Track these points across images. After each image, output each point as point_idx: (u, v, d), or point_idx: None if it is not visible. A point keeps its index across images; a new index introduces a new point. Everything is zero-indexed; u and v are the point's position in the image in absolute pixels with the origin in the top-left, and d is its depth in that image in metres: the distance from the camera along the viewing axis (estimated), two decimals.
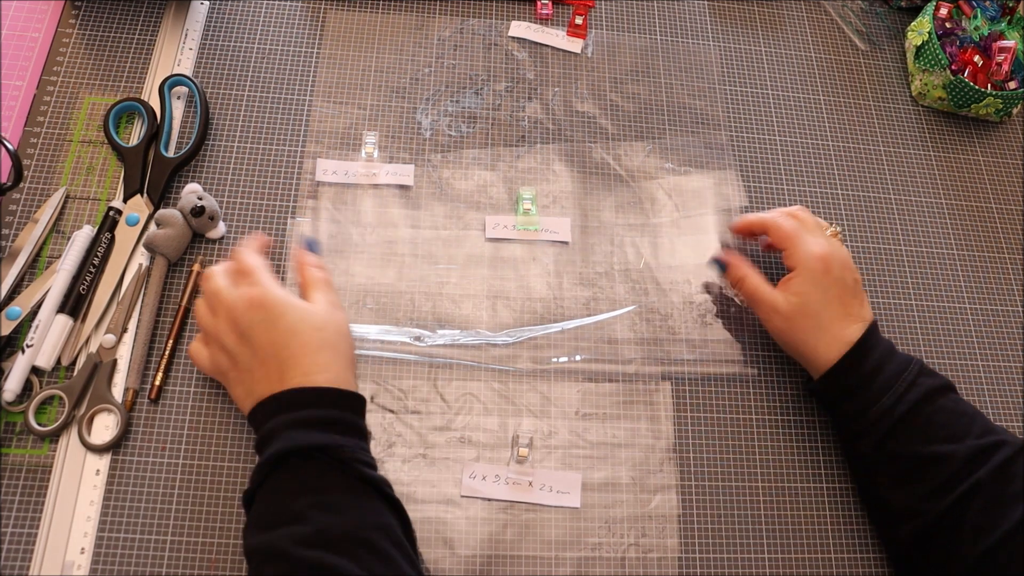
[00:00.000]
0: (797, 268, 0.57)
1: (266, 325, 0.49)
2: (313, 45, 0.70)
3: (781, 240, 0.58)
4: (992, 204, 0.74)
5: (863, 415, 0.54)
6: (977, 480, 0.51)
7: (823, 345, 0.56)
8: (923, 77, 0.75)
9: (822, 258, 0.56)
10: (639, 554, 0.55)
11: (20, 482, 0.52)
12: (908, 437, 0.53)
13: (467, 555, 0.54)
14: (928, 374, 0.55)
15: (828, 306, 0.56)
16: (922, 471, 0.53)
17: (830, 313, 0.56)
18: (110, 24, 0.68)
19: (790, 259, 0.58)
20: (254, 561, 0.44)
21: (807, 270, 0.56)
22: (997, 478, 0.51)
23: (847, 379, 0.55)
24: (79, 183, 0.62)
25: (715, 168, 0.70)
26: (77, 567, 0.50)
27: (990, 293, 0.69)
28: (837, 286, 0.56)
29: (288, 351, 0.49)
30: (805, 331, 0.56)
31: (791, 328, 0.57)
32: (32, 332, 0.55)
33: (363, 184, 0.64)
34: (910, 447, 0.53)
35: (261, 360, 0.49)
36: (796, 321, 0.56)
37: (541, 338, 0.61)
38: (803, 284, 0.56)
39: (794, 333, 0.57)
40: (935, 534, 0.52)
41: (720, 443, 0.60)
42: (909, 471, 0.53)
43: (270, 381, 0.48)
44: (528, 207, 0.65)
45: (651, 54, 0.75)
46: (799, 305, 0.56)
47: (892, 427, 0.53)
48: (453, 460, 0.56)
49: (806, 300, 0.56)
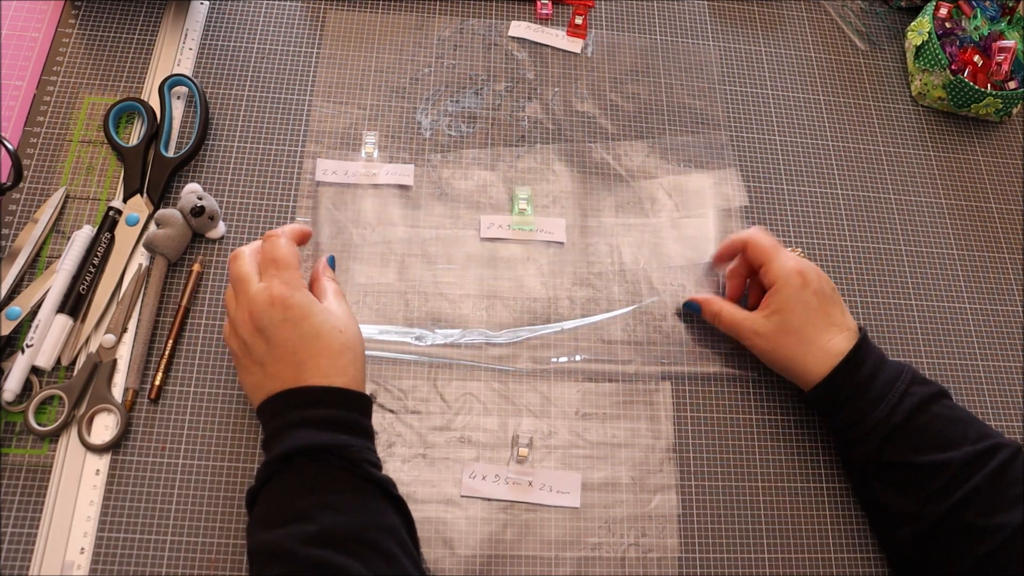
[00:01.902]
0: (776, 284, 0.57)
1: (287, 324, 0.48)
2: (313, 45, 0.70)
3: (759, 256, 0.58)
4: (992, 204, 0.74)
5: (858, 425, 0.54)
6: (975, 485, 0.51)
7: (811, 359, 0.55)
8: (923, 77, 0.75)
9: (799, 271, 0.56)
10: (639, 554, 0.55)
11: (20, 482, 0.52)
12: (904, 446, 0.53)
13: (467, 555, 0.54)
14: (921, 382, 0.55)
15: (811, 319, 0.56)
16: (919, 478, 0.53)
17: (814, 326, 0.56)
18: (110, 24, 0.68)
19: (767, 275, 0.57)
20: (258, 560, 0.44)
21: (786, 285, 0.56)
22: (995, 481, 0.51)
23: (839, 391, 0.55)
24: (79, 183, 0.62)
25: (715, 168, 0.70)
26: (77, 567, 0.50)
27: (990, 293, 0.69)
28: (817, 297, 0.56)
29: (308, 352, 0.48)
30: (790, 347, 0.56)
31: (776, 347, 0.57)
32: (32, 332, 0.55)
33: (363, 184, 0.64)
34: (906, 456, 0.53)
35: (276, 357, 0.48)
36: (779, 340, 0.56)
37: (540, 338, 0.61)
38: (783, 301, 0.56)
39: (780, 351, 0.57)
40: (934, 536, 0.52)
41: (720, 443, 0.60)
42: (906, 478, 0.53)
43: (284, 379, 0.48)
44: (524, 207, 0.65)
45: (651, 54, 0.75)
46: (780, 323, 0.56)
47: (887, 437, 0.53)
48: (453, 460, 0.56)
49: (787, 317, 0.56)
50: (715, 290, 0.65)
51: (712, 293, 0.64)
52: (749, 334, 0.58)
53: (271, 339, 0.48)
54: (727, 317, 0.59)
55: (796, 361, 0.56)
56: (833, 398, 0.55)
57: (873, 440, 0.54)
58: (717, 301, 0.61)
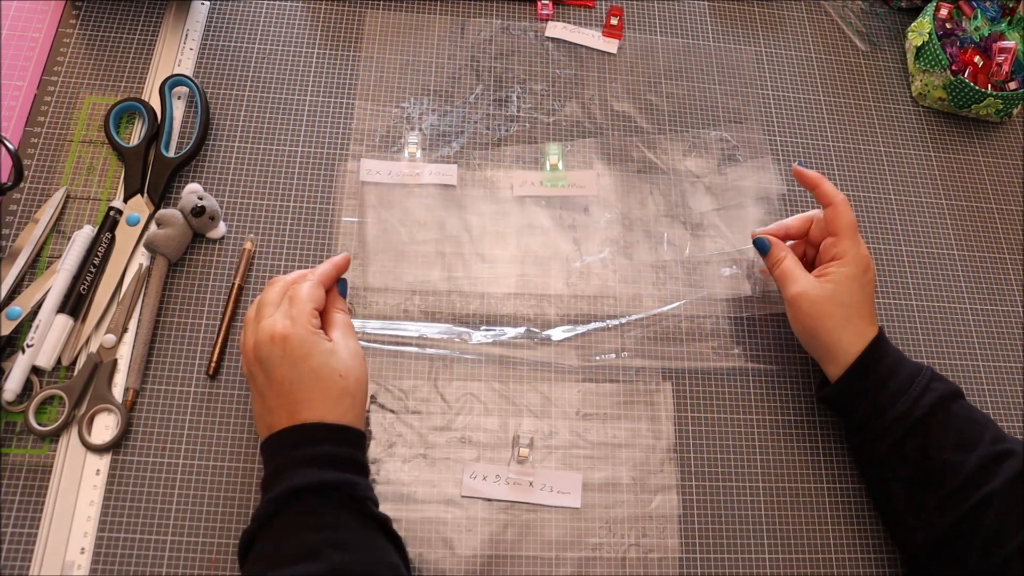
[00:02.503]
0: (844, 259, 0.57)
1: (285, 362, 0.48)
2: (313, 45, 0.70)
3: (840, 226, 0.57)
4: (992, 204, 0.74)
5: (878, 419, 0.54)
6: (990, 491, 0.51)
7: (848, 336, 0.55)
8: (923, 78, 0.75)
9: (868, 258, 0.57)
10: (639, 554, 0.55)
11: (20, 482, 0.52)
12: (923, 442, 0.53)
13: (467, 555, 0.54)
14: (939, 379, 0.55)
15: (862, 302, 0.56)
16: (935, 478, 0.52)
17: (860, 308, 0.56)
18: (110, 24, 0.68)
19: (837, 246, 0.57)
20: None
21: (853, 263, 0.56)
22: (1010, 489, 0.51)
23: (865, 381, 0.55)
24: (79, 183, 0.62)
25: (753, 158, 0.71)
26: (77, 567, 0.50)
27: (990, 293, 0.69)
28: (870, 287, 0.57)
29: (305, 393, 0.48)
30: (833, 318, 0.56)
31: (819, 313, 0.56)
32: (32, 332, 0.55)
33: (408, 184, 0.65)
34: (924, 452, 0.53)
35: (275, 392, 0.49)
36: (825, 307, 0.56)
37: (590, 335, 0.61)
38: (843, 276, 0.56)
39: (821, 319, 0.56)
40: (949, 542, 0.52)
41: (721, 443, 0.60)
42: (922, 478, 0.53)
43: (280, 415, 0.48)
44: (555, 162, 0.66)
45: (651, 54, 0.75)
46: (833, 292, 0.56)
47: (908, 431, 0.53)
48: (453, 460, 0.56)
49: (841, 289, 0.56)
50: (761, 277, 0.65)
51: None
52: (797, 291, 0.57)
53: (269, 373, 0.49)
54: (787, 266, 0.58)
55: (834, 333, 0.56)
56: (856, 390, 0.55)
57: (894, 434, 0.54)
58: (786, 248, 0.60)
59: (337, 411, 0.48)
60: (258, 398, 0.50)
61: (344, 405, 0.49)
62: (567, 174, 0.66)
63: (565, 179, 0.66)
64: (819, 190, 0.59)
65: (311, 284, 0.51)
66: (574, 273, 0.64)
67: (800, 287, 0.57)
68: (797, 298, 0.57)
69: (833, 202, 0.58)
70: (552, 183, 0.66)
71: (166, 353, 0.57)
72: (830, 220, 0.58)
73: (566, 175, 0.66)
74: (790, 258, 0.59)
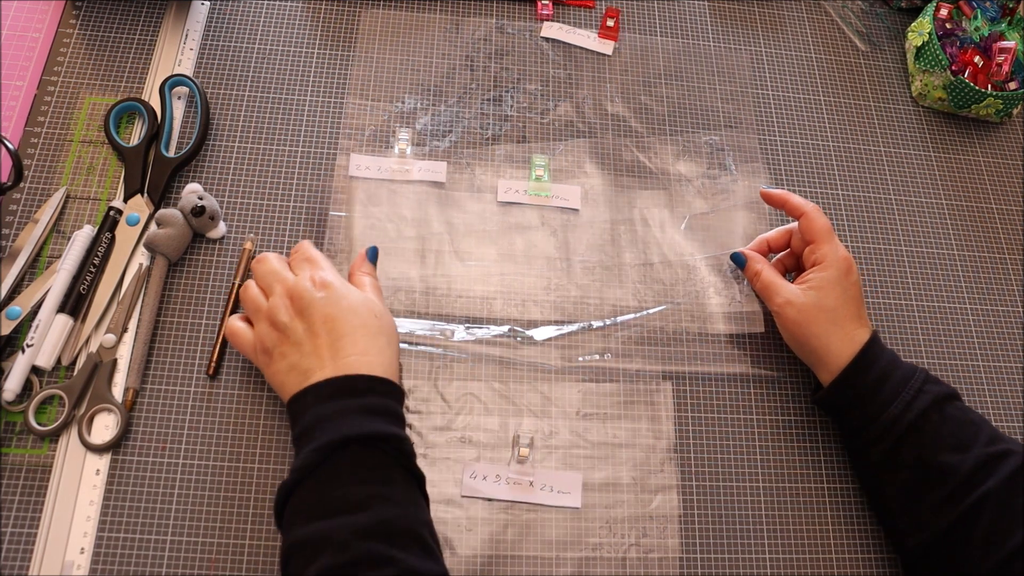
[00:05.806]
0: (824, 263, 0.57)
1: (328, 302, 0.50)
2: (313, 44, 0.70)
3: (814, 232, 0.58)
4: (992, 204, 0.74)
5: (873, 423, 0.54)
6: (986, 492, 0.51)
7: (836, 341, 0.55)
8: (923, 78, 0.76)
9: (848, 259, 0.57)
10: (640, 554, 0.55)
11: (20, 482, 0.52)
12: (917, 445, 0.53)
13: (467, 555, 0.54)
14: (934, 382, 0.55)
15: (845, 305, 0.56)
16: (930, 480, 0.52)
17: (847, 311, 0.56)
18: (111, 24, 0.68)
19: (815, 252, 0.58)
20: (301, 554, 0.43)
21: (833, 266, 0.57)
22: (1006, 490, 0.51)
23: (856, 386, 0.55)
24: (79, 183, 0.62)
25: (745, 164, 0.70)
26: (77, 567, 0.50)
27: (990, 293, 0.69)
28: (854, 288, 0.57)
29: (346, 327, 0.49)
30: (820, 324, 0.56)
31: (805, 321, 0.56)
32: (32, 332, 0.55)
33: (397, 180, 0.65)
34: (919, 455, 0.53)
35: (314, 333, 0.49)
36: (811, 314, 0.56)
37: (573, 336, 0.61)
38: (825, 280, 0.56)
39: (808, 327, 0.56)
40: (947, 544, 0.52)
41: (721, 443, 0.60)
42: (918, 480, 0.53)
43: (320, 356, 0.49)
44: (540, 173, 0.66)
45: (648, 55, 0.75)
46: (816, 299, 0.56)
47: (902, 435, 0.53)
48: (453, 460, 0.56)
49: (825, 295, 0.56)
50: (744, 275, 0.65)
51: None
52: (782, 300, 0.57)
53: (311, 317, 0.50)
54: (766, 277, 0.59)
55: (822, 340, 0.56)
56: (849, 394, 0.55)
57: (889, 438, 0.54)
58: (762, 260, 0.62)
59: (377, 345, 0.50)
60: (293, 350, 0.50)
61: (383, 341, 0.50)
62: (552, 186, 0.66)
63: (550, 191, 0.66)
64: (788, 205, 0.61)
65: (311, 244, 0.55)
66: (558, 273, 0.63)
67: (784, 297, 0.57)
68: (782, 308, 0.57)
69: (804, 212, 0.59)
70: (537, 193, 0.66)
71: (166, 353, 0.57)
72: (805, 229, 0.59)
73: (551, 187, 0.66)
74: (767, 269, 0.60)
